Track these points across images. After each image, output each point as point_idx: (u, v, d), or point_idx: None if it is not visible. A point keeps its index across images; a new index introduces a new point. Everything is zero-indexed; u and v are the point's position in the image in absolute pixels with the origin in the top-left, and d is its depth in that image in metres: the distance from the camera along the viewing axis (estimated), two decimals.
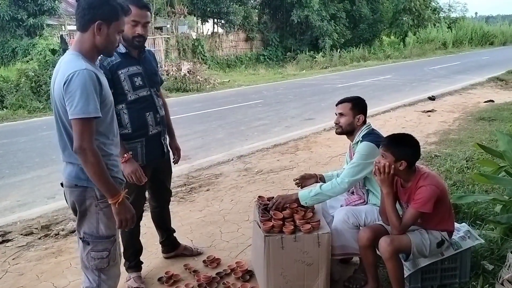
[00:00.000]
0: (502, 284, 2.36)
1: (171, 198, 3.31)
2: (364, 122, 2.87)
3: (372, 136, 2.78)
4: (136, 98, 2.69)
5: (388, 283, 2.66)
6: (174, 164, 3.17)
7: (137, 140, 2.73)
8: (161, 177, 3.05)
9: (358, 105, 2.85)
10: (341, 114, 2.86)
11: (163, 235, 3.31)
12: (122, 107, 2.66)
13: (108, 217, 2.07)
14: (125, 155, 2.60)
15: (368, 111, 2.95)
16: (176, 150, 3.12)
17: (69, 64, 1.93)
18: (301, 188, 3.07)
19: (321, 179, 3.08)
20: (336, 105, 2.92)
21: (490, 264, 2.85)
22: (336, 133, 2.95)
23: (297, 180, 3.07)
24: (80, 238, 2.12)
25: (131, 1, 2.48)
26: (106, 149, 2.06)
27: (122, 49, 2.66)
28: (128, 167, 2.61)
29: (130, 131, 2.70)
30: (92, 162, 1.91)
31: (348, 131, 2.87)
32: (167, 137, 3.02)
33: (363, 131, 2.83)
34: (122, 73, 2.63)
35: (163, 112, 2.91)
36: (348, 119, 2.83)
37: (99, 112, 1.92)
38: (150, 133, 2.79)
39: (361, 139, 2.79)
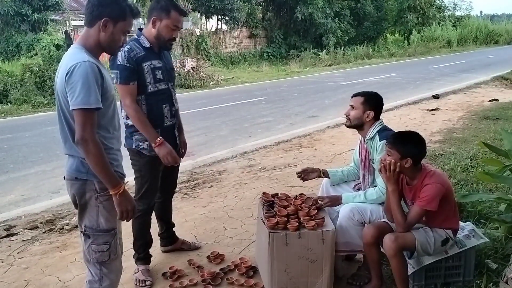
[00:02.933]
0: (506, 282, 2.35)
1: (175, 191, 3.37)
2: (376, 118, 2.85)
3: (387, 132, 2.77)
4: (155, 91, 2.78)
5: (392, 281, 2.67)
6: (180, 158, 3.19)
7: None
8: (170, 168, 3.07)
9: (370, 101, 2.84)
10: (352, 107, 2.87)
11: (162, 227, 3.34)
12: (141, 97, 2.75)
13: (108, 210, 2.08)
14: (157, 139, 2.73)
15: None
16: (183, 144, 3.16)
17: (71, 57, 1.97)
18: (303, 181, 3.10)
19: (324, 173, 3.08)
20: (351, 97, 2.95)
21: (494, 263, 2.85)
22: (346, 126, 2.97)
23: (300, 174, 3.08)
24: (81, 232, 2.15)
25: (175, 8, 2.72)
26: (107, 143, 2.08)
27: (146, 43, 2.75)
28: (162, 150, 2.75)
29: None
30: (94, 153, 1.92)
31: (357, 125, 2.87)
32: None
33: (376, 127, 2.82)
34: (145, 65, 2.72)
35: (178, 105, 3.01)
36: (358, 112, 2.84)
37: (100, 103, 1.93)
38: (165, 124, 2.88)
39: (376, 134, 2.79)
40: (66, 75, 1.91)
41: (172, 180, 3.22)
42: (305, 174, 3.08)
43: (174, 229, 3.40)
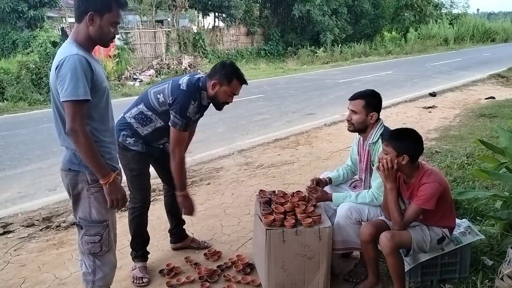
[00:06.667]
0: (501, 279, 2.37)
1: None
2: (378, 118, 2.80)
3: None
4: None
5: (389, 277, 2.67)
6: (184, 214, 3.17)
7: (140, 141, 2.88)
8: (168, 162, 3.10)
9: (371, 103, 2.76)
10: (353, 111, 2.78)
11: (172, 222, 3.36)
12: (160, 123, 2.83)
13: (99, 201, 2.14)
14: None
15: None
16: (181, 205, 3.01)
17: (62, 51, 2.03)
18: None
19: (330, 181, 3.04)
20: (349, 100, 2.84)
21: (490, 260, 2.87)
22: (349, 131, 2.88)
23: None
24: (75, 223, 2.21)
25: (238, 77, 2.84)
26: (100, 136, 2.12)
27: (204, 101, 2.90)
28: None
29: (143, 133, 2.86)
30: (83, 144, 1.98)
31: (360, 129, 2.81)
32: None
33: (379, 129, 2.77)
34: (198, 115, 2.94)
35: None
36: (361, 117, 2.75)
37: (88, 95, 1.98)
38: (153, 145, 2.97)
39: (379, 139, 2.72)
40: (56, 69, 1.98)
41: None
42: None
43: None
